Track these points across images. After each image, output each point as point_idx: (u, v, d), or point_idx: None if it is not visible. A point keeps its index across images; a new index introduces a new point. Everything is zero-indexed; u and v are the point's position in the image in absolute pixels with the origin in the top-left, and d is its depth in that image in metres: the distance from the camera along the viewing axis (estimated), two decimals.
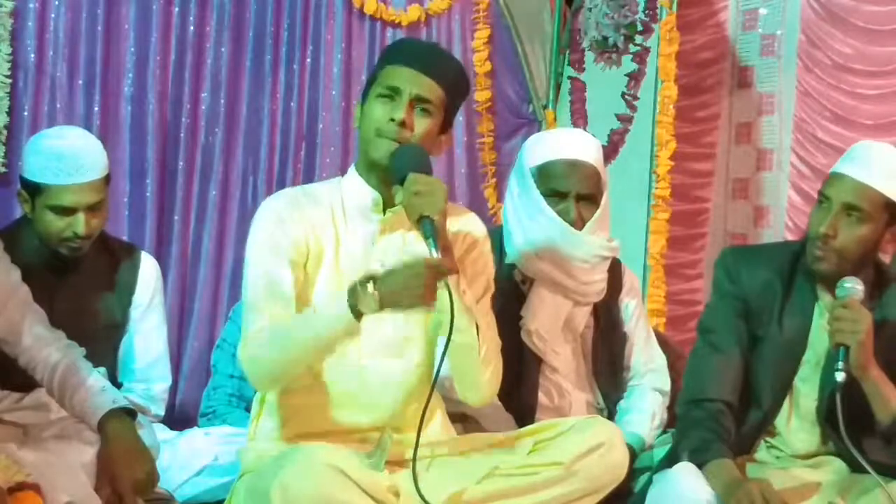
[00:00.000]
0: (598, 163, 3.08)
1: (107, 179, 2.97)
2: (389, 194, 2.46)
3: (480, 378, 2.50)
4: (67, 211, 2.86)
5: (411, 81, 2.45)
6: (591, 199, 3.06)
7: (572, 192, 3.03)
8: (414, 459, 2.32)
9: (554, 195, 3.04)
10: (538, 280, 3.08)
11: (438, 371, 2.40)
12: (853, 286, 2.55)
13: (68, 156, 2.87)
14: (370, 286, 2.26)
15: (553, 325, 3.08)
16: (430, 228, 2.31)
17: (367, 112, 2.47)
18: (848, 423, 2.47)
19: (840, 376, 2.49)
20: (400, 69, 2.47)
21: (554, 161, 3.06)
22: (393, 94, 2.45)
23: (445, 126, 2.53)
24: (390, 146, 2.42)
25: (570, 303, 3.09)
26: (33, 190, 2.88)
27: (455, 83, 2.54)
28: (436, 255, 2.30)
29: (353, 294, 2.28)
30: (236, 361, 3.86)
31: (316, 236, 2.48)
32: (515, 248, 3.10)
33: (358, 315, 2.28)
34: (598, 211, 3.06)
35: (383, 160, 2.43)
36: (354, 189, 2.52)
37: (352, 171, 2.56)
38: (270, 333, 2.38)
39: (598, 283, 3.11)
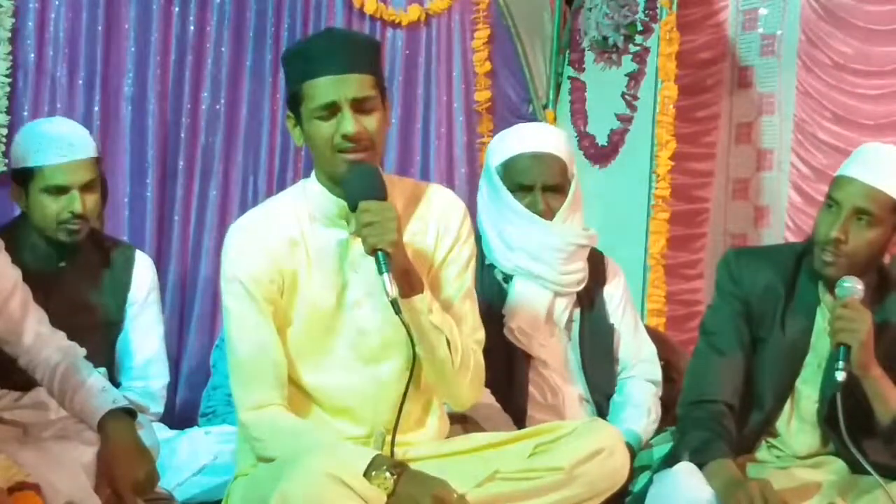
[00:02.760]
0: (561, 153, 3.09)
1: (97, 161, 2.99)
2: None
3: (459, 386, 2.49)
4: (62, 190, 2.89)
5: (341, 89, 2.32)
6: (557, 189, 3.06)
7: (537, 183, 3.04)
8: (392, 451, 2.34)
9: (520, 189, 3.05)
10: (517, 275, 3.08)
11: (408, 385, 2.38)
12: (853, 285, 2.54)
13: (56, 136, 2.92)
14: (389, 473, 2.23)
15: (535, 318, 3.07)
16: (385, 263, 2.27)
17: (312, 133, 2.37)
18: (848, 425, 2.47)
19: (840, 376, 2.49)
20: (322, 81, 2.33)
21: (516, 156, 3.07)
22: (330, 108, 2.33)
23: (384, 99, 2.43)
24: (353, 158, 2.35)
25: (550, 294, 3.09)
26: (26, 177, 2.91)
27: (374, 59, 2.41)
28: (391, 290, 2.26)
29: (374, 465, 2.24)
30: None
31: (287, 259, 2.43)
32: (491, 248, 3.11)
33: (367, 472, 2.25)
34: (567, 199, 3.06)
35: (347, 174, 2.37)
36: (320, 198, 2.45)
37: (314, 179, 2.48)
38: (278, 437, 2.38)
39: (577, 272, 3.11)
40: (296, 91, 2.39)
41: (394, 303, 2.27)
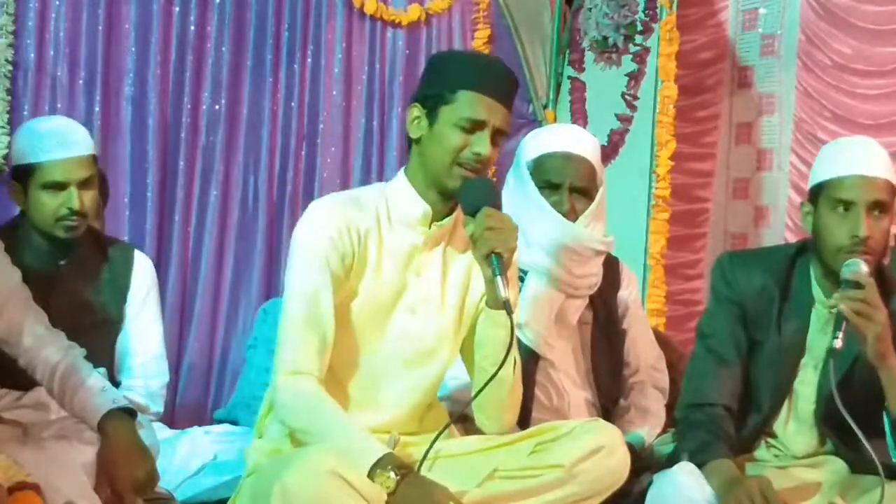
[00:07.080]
0: (593, 158, 3.10)
1: (94, 159, 3.00)
2: (440, 209, 2.47)
3: (509, 406, 2.54)
4: (60, 186, 2.89)
5: (494, 113, 2.43)
6: (584, 192, 3.07)
7: (566, 183, 3.05)
8: (420, 465, 2.34)
9: (548, 187, 3.05)
10: (531, 272, 3.09)
11: (474, 398, 2.46)
12: (860, 266, 2.51)
13: (55, 133, 2.93)
14: (394, 474, 2.25)
15: (545, 318, 3.08)
16: (500, 266, 2.35)
17: (442, 136, 2.43)
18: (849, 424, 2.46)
19: (837, 343, 2.46)
20: (483, 99, 2.42)
21: (549, 153, 3.07)
22: (477, 125, 2.41)
23: None
24: (467, 176, 2.43)
25: (562, 295, 3.09)
26: (25, 174, 2.91)
27: (513, 101, 2.54)
28: (504, 293, 2.33)
29: (381, 463, 2.26)
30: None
31: (362, 245, 2.46)
32: None
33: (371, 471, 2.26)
34: (593, 204, 3.07)
35: (457, 188, 2.43)
36: (404, 198, 2.50)
37: (402, 178, 2.52)
38: (305, 409, 2.38)
39: (591, 276, 3.11)
40: (443, 92, 2.44)
41: (507, 303, 2.34)
